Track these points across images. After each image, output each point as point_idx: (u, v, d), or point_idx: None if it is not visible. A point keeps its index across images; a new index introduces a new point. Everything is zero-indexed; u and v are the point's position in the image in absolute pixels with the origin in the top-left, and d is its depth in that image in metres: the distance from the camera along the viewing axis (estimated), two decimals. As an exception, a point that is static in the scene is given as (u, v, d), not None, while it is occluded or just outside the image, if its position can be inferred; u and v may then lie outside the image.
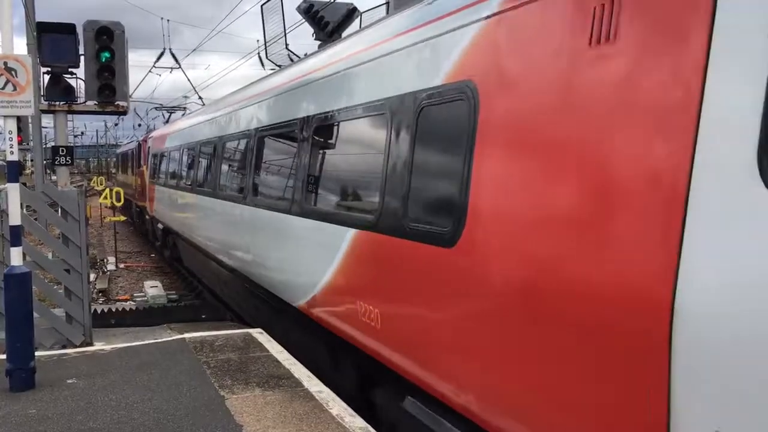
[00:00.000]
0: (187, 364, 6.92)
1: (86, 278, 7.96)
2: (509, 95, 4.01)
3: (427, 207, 4.85)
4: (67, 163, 15.01)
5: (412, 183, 4.97)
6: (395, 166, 5.23)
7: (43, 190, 8.25)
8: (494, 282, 3.95)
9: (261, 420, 5.36)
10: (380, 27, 6.16)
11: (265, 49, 12.92)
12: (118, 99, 14.18)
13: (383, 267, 5.35)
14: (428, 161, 4.90)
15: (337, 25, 10.03)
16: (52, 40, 13.73)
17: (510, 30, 4.04)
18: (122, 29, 13.91)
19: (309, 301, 6.89)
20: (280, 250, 7.89)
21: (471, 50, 4.37)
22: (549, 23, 3.69)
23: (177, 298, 15.49)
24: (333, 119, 6.62)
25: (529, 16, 3.86)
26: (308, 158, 7.10)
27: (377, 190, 5.48)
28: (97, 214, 29.02)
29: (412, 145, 5.01)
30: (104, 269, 19.45)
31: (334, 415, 5.47)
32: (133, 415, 5.50)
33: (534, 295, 3.62)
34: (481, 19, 4.31)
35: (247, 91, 10.97)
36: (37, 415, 5.51)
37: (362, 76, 6.03)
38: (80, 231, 7.80)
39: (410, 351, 4.97)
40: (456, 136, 4.45)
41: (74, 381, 6.41)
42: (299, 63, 8.84)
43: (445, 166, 4.64)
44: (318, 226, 6.64)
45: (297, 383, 6.29)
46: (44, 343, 7.61)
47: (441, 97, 4.69)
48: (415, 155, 4.98)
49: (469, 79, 4.35)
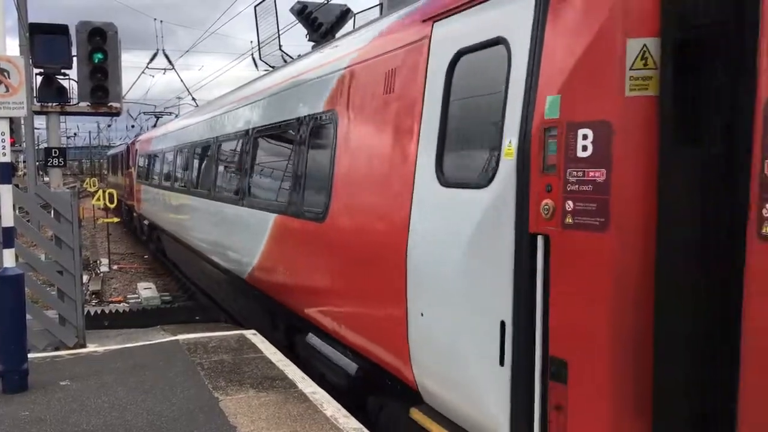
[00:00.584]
0: (181, 366, 6.91)
1: (79, 280, 7.95)
2: (351, 120, 6.09)
3: (313, 197, 6.82)
4: (60, 164, 14.98)
5: (306, 180, 7.05)
6: (298, 167, 7.29)
7: (36, 191, 8.23)
8: (342, 240, 6.11)
9: (255, 421, 5.36)
10: (299, 62, 8.55)
11: (258, 51, 12.93)
12: (110, 100, 14.16)
13: (290, 239, 7.47)
14: (314, 164, 6.95)
15: (331, 27, 10.04)
16: (45, 41, 13.70)
17: (352, 80, 6.20)
18: (115, 30, 13.89)
19: (250, 273, 8.83)
20: (233, 234, 9.84)
21: (334, 90, 6.53)
22: (369, 78, 5.83)
23: (171, 299, 15.46)
24: (267, 131, 8.67)
25: (361, 73, 6.02)
26: (250, 162, 9.13)
27: (288, 185, 7.51)
28: (90, 215, 28.95)
29: (306, 153, 7.10)
30: (97, 271, 19.39)
31: (329, 416, 5.48)
32: (126, 416, 5.49)
33: (360, 246, 5.77)
34: (338, 71, 6.48)
35: (213, 104, 13.70)
36: (30, 417, 5.50)
37: (285, 99, 8.07)
38: (73, 232, 7.79)
39: (307, 298, 7.01)
40: (327, 147, 6.51)
41: (67, 383, 6.39)
42: (245, 86, 11.29)
43: (321, 167, 6.64)
44: (255, 213, 8.60)
45: (291, 384, 6.29)
46: (37, 345, 7.58)
47: (321, 119, 6.79)
48: (308, 160, 7.06)
49: (333, 108, 6.49)
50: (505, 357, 3.88)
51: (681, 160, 3.26)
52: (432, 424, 4.76)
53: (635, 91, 3.28)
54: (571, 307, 3.50)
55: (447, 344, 4.47)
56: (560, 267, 3.55)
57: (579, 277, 3.46)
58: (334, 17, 10.10)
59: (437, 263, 4.55)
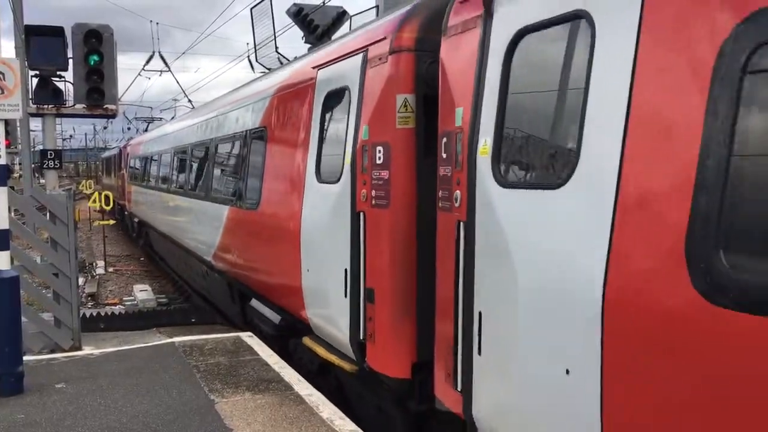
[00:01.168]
0: (177, 368, 6.90)
1: (75, 282, 7.92)
2: (274, 134, 8.20)
3: (251, 191, 8.90)
4: (56, 166, 14.94)
5: (248, 178, 9.17)
6: (243, 169, 9.46)
7: (32, 193, 8.20)
8: (267, 224, 8.17)
9: (251, 424, 5.35)
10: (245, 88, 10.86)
11: (255, 53, 12.93)
12: (106, 102, 14.15)
13: (237, 225, 9.60)
14: (252, 167, 9.00)
15: (327, 29, 10.05)
16: (41, 43, 13.68)
17: (274, 104, 8.26)
18: (111, 32, 13.88)
19: (213, 254, 10.95)
20: (200, 224, 12.01)
21: (266, 111, 8.57)
22: (284, 104, 7.92)
23: (167, 301, 15.44)
24: (224, 141, 10.82)
25: (280, 99, 8.10)
26: (212, 166, 11.43)
27: (238, 184, 9.69)
28: (86, 217, 28.89)
29: (247, 158, 9.26)
30: (93, 273, 19.35)
31: (324, 418, 5.48)
32: (122, 419, 5.48)
33: (276, 228, 7.78)
34: (267, 97, 8.61)
35: (185, 118, 16.72)
36: (25, 420, 5.48)
37: (233, 117, 10.41)
38: (69, 235, 7.76)
39: (249, 271, 9.06)
40: (261, 154, 8.59)
41: (63, 385, 6.38)
42: (209, 104, 13.96)
43: (257, 169, 8.73)
44: (216, 206, 10.75)
45: (287, 387, 6.29)
46: (32, 347, 7.55)
47: (257, 133, 8.89)
48: (249, 164, 9.14)
49: (264, 126, 8.57)
50: (347, 291, 5.86)
51: (426, 165, 5.20)
52: (316, 346, 6.71)
53: (401, 125, 5.31)
54: (374, 256, 5.50)
55: (320, 289, 6.48)
56: (369, 232, 5.56)
57: (377, 238, 5.47)
58: (330, 19, 10.11)
59: (314, 234, 6.61)
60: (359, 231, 5.62)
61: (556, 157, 3.68)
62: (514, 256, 3.84)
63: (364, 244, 5.58)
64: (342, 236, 5.91)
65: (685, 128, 2.82)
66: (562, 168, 3.55)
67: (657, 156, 2.94)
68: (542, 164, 3.79)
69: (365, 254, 5.57)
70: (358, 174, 5.68)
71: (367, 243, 5.55)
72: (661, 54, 2.99)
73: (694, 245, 2.73)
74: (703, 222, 2.69)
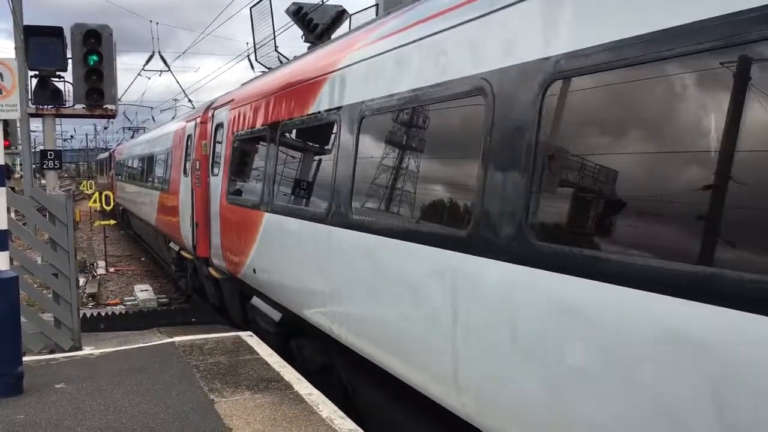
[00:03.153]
0: (177, 368, 6.90)
1: (74, 282, 7.91)
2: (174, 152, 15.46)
3: (170, 182, 15.51)
4: (56, 167, 14.95)
5: (167, 174, 16.02)
6: (165, 169, 16.30)
7: (31, 194, 8.19)
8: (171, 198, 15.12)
9: (251, 423, 5.34)
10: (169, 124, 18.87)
11: (254, 52, 12.93)
12: (106, 102, 14.14)
13: (161, 200, 16.46)
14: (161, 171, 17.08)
15: (327, 28, 10.05)
16: (40, 44, 13.67)
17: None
18: (110, 32, 13.86)
19: (155, 219, 16.78)
20: (148, 203, 18.59)
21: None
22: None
23: (167, 301, 15.45)
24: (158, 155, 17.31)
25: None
26: (152, 166, 18.21)
27: (163, 177, 16.09)
28: (87, 217, 28.86)
29: (167, 166, 16.16)
30: (94, 273, 19.36)
31: (324, 417, 5.47)
32: (121, 419, 5.48)
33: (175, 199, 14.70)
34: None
35: (145, 135, 26.26)
36: (24, 421, 5.48)
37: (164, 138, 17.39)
38: (68, 235, 7.76)
39: (167, 225, 15.82)
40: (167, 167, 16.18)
41: (62, 386, 6.37)
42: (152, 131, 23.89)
43: (171, 168, 15.34)
44: (154, 191, 17.49)
45: (287, 386, 6.28)
46: (32, 347, 7.55)
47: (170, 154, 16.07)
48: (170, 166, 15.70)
49: (172, 147, 15.87)
50: (192, 224, 12.31)
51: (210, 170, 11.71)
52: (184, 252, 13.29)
53: (203, 152, 11.85)
54: (197, 208, 11.98)
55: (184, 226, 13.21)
56: (196, 198, 12.10)
57: (198, 201, 11.87)
58: (330, 18, 10.10)
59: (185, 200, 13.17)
60: (192, 198, 12.31)
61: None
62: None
63: (193, 204, 12.22)
64: (190, 201, 12.55)
65: None
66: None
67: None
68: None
69: (194, 208, 12.19)
70: (192, 172, 12.42)
71: (195, 203, 12.09)
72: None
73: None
74: None
